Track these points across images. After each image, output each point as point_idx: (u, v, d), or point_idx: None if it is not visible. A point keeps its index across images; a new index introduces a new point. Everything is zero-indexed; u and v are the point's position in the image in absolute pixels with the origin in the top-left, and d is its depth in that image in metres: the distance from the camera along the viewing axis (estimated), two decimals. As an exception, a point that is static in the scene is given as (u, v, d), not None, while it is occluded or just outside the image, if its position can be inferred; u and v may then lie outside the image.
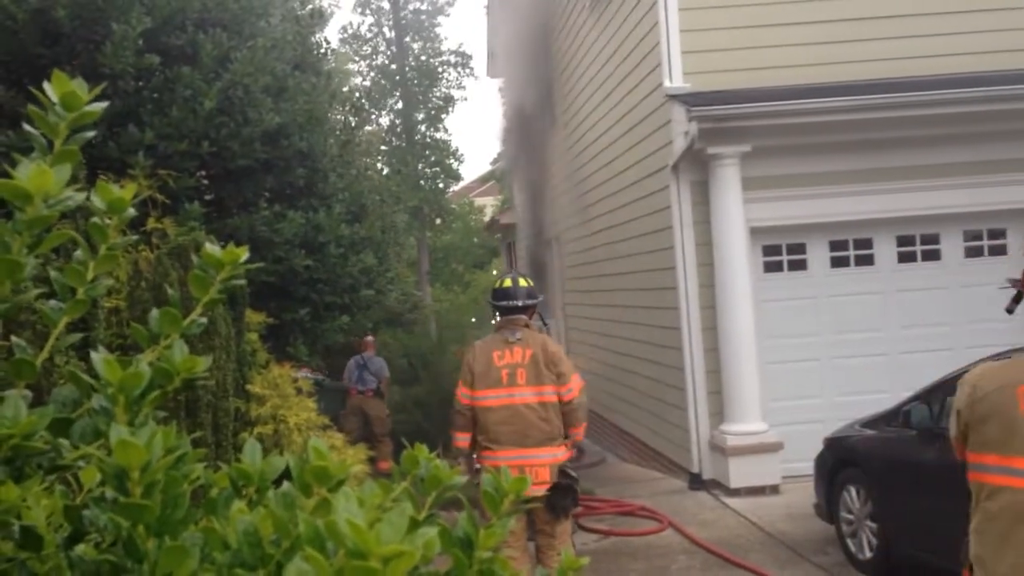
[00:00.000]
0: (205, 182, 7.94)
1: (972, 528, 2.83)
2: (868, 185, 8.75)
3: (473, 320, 25.09)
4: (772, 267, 9.06)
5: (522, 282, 5.77)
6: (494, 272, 28.42)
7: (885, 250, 8.99)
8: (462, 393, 5.58)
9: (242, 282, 1.39)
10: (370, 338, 13.01)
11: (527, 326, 5.69)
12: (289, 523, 0.94)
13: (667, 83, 9.00)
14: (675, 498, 8.74)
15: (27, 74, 7.13)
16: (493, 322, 6.14)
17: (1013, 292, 2.99)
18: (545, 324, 6.22)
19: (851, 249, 9.02)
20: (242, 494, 1.11)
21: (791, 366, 8.89)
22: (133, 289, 5.54)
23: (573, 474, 5.51)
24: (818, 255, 9.04)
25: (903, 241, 9.01)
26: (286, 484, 1.02)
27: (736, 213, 8.55)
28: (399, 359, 15.91)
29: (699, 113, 8.24)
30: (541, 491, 5.27)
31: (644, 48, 9.72)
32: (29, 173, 0.93)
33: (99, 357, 1.05)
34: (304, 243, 7.93)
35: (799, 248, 9.05)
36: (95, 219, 1.27)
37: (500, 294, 5.74)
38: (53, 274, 1.28)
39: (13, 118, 6.69)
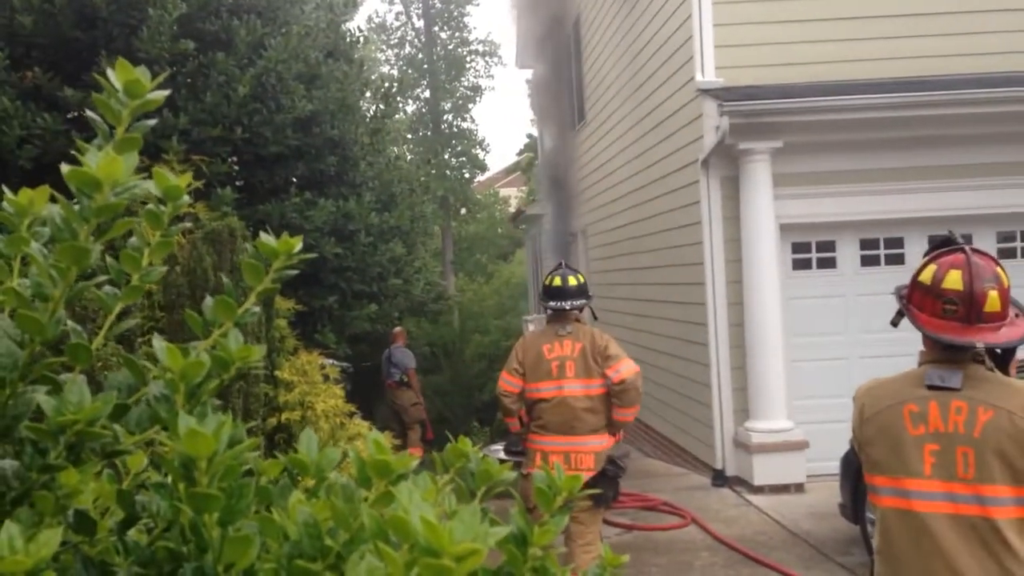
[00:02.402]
0: (236, 168, 7.98)
1: (875, 548, 2.74)
2: (901, 184, 8.66)
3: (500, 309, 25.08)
4: (801, 264, 8.99)
5: (572, 280, 5.74)
6: (517, 266, 28.42)
7: (916, 250, 8.88)
8: (505, 380, 5.64)
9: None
10: (398, 329, 13.09)
11: (577, 320, 5.72)
12: (350, 516, 0.95)
13: (699, 77, 8.94)
14: (698, 494, 8.72)
15: (64, 58, 7.19)
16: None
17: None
18: (596, 319, 6.25)
19: (882, 248, 8.94)
20: (297, 484, 1.12)
21: (818, 364, 8.83)
22: (167, 274, 5.58)
23: (621, 464, 5.53)
24: (848, 253, 8.96)
25: (935, 241, 8.89)
26: (346, 476, 1.02)
27: (766, 209, 8.49)
28: (422, 348, 15.95)
29: (731, 108, 8.18)
30: (584, 477, 5.28)
31: (676, 42, 9.66)
32: (98, 161, 0.93)
33: (161, 345, 1.05)
34: (334, 231, 7.96)
35: (829, 246, 8.98)
36: (150, 206, 1.28)
37: (550, 292, 5.74)
38: (109, 260, 1.29)
39: (50, 101, 6.76)
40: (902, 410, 2.62)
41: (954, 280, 2.59)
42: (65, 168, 0.98)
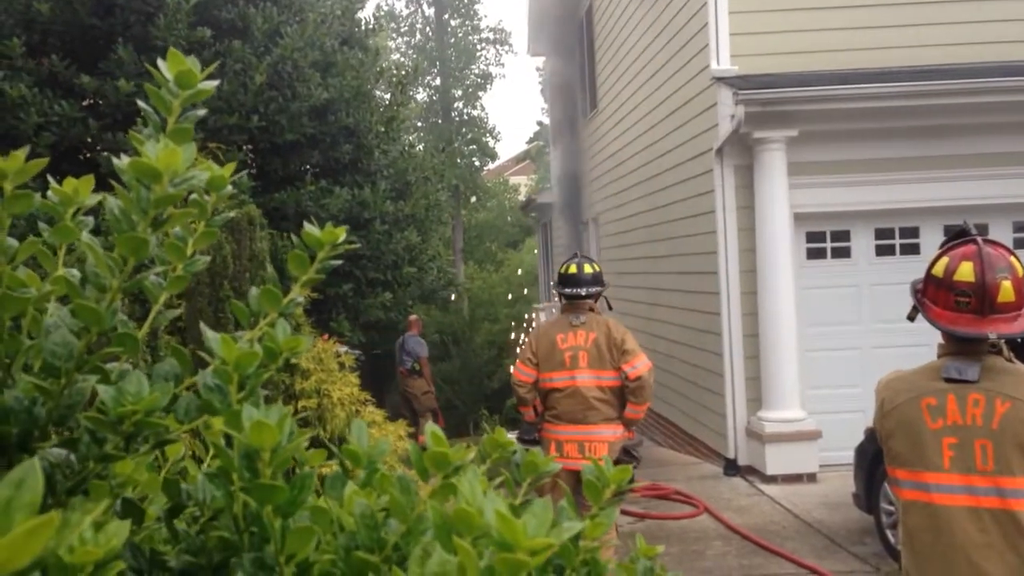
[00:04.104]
0: (252, 156, 7.98)
1: (900, 540, 2.76)
2: (916, 173, 8.62)
3: (510, 297, 25.10)
4: (815, 254, 8.97)
5: (587, 268, 5.74)
6: (527, 254, 28.40)
7: (932, 239, 8.85)
8: (520, 370, 5.67)
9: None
10: (413, 317, 13.12)
11: (591, 310, 5.71)
12: (407, 507, 0.95)
13: (714, 65, 8.90)
14: (710, 483, 8.73)
15: (81, 45, 7.19)
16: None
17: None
18: (611, 308, 6.26)
19: (897, 238, 8.91)
20: (350, 476, 1.12)
21: (832, 354, 8.82)
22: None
23: (635, 454, 5.55)
24: (863, 243, 8.94)
25: (951, 231, 8.86)
26: (397, 468, 1.02)
27: (780, 198, 8.47)
28: (432, 335, 15.98)
29: (746, 96, 8.15)
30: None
31: (691, 29, 9.61)
32: (158, 151, 0.93)
33: (214, 336, 1.05)
34: (349, 219, 7.96)
35: (843, 235, 8.95)
36: (195, 196, 1.28)
37: (565, 280, 5.73)
38: (155, 251, 1.29)
39: (67, 88, 6.76)
40: (920, 403, 2.62)
41: (966, 272, 2.59)
42: (123, 160, 0.98)
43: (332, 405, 5.96)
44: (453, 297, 15.40)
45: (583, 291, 5.66)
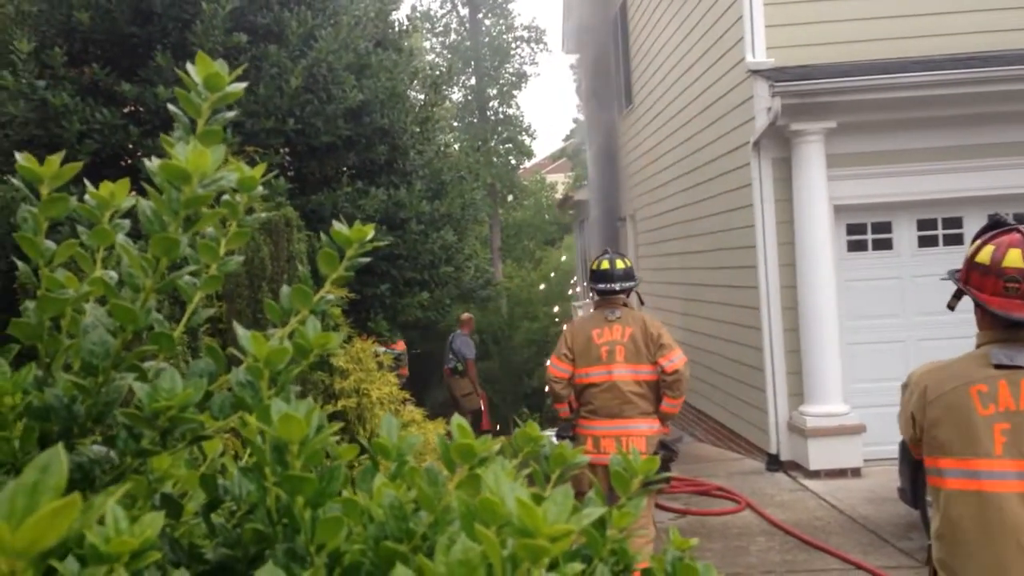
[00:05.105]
0: (288, 159, 8.07)
1: (934, 532, 2.71)
2: (959, 162, 8.49)
3: (542, 288, 25.03)
4: (856, 246, 8.87)
5: (619, 263, 5.75)
6: (564, 251, 28.37)
7: (975, 229, 8.65)
8: (555, 366, 5.68)
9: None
10: (466, 316, 13.12)
11: (625, 304, 5.73)
12: (435, 498, 0.96)
13: (749, 58, 8.83)
14: (752, 479, 8.66)
15: (120, 53, 7.32)
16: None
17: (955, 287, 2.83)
18: (643, 303, 6.27)
19: (940, 228, 8.77)
20: (379, 468, 1.14)
21: (874, 347, 8.71)
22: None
23: (673, 447, 5.56)
24: (905, 234, 8.82)
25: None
26: (427, 460, 1.04)
27: (819, 191, 8.38)
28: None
29: (783, 89, 8.08)
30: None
31: (726, 22, 9.55)
32: (188, 154, 0.95)
33: (245, 333, 1.08)
34: (386, 219, 8.02)
35: (885, 227, 8.84)
36: (226, 196, 1.31)
37: (597, 276, 5.75)
38: (188, 250, 1.32)
39: (108, 96, 6.88)
40: (970, 390, 2.61)
41: (1015, 258, 2.62)
42: (154, 162, 1.00)
43: (371, 404, 6.02)
44: (489, 295, 15.46)
45: (616, 286, 5.67)
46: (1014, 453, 2.55)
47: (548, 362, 5.85)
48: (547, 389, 5.97)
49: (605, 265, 5.73)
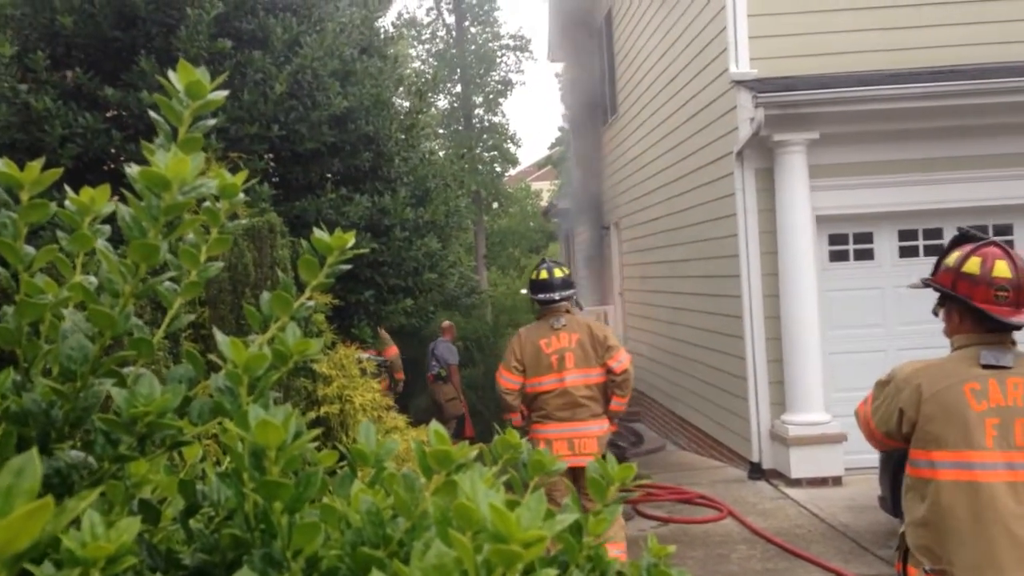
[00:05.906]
0: (273, 165, 8.05)
1: (918, 520, 2.90)
2: (939, 174, 8.57)
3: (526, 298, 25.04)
4: (838, 256, 8.93)
5: (557, 272, 5.92)
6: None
7: (956, 240, 8.78)
8: (505, 378, 5.83)
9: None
10: (447, 323, 13.15)
11: (568, 311, 5.87)
12: (411, 504, 0.97)
13: (733, 69, 8.89)
14: (734, 487, 8.69)
15: (104, 57, 7.29)
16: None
17: (929, 292, 3.09)
18: (581, 309, 6.49)
19: (920, 239, 8.84)
20: (357, 474, 1.14)
21: (856, 357, 8.76)
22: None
23: (622, 444, 5.74)
24: (886, 244, 8.88)
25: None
26: (408, 466, 1.04)
27: (802, 201, 8.44)
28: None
29: (766, 99, 8.14)
30: (588, 462, 5.38)
31: (710, 33, 9.61)
32: (167, 161, 0.96)
33: (224, 339, 1.08)
34: (370, 226, 8.02)
35: (866, 237, 8.90)
36: (207, 203, 1.31)
37: (537, 286, 5.92)
38: (168, 256, 1.32)
39: (91, 100, 6.85)
40: (963, 388, 2.85)
41: (1003, 269, 2.89)
42: (134, 168, 1.01)
43: (354, 411, 6.01)
44: (473, 302, 15.48)
45: (556, 295, 5.84)
46: (1003, 445, 2.78)
47: (497, 374, 5.98)
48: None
49: (544, 275, 5.87)
